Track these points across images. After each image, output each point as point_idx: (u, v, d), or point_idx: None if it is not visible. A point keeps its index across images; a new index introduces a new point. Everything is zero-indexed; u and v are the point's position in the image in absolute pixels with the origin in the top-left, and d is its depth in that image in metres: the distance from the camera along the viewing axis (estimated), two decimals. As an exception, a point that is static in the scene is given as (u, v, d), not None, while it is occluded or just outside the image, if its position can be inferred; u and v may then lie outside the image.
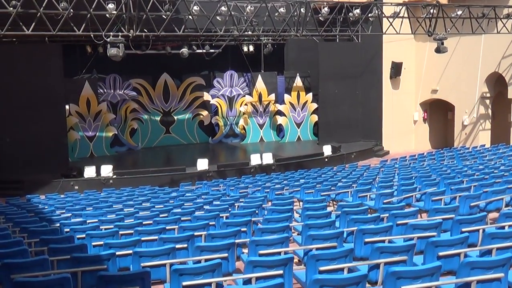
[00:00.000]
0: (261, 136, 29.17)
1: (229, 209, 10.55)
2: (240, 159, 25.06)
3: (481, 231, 6.94)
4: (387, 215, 8.01)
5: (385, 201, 10.82)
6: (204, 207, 11.36)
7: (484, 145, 22.99)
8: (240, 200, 12.49)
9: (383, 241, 6.68)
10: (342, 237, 6.93)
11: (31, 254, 7.50)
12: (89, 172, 20.31)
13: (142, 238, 7.65)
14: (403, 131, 27.86)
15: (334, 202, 12.93)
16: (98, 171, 20.34)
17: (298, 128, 29.06)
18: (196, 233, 7.71)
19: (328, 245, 6.54)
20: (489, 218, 8.28)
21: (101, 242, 7.59)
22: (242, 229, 8.00)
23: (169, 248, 6.63)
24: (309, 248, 6.53)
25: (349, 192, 13.05)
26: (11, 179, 20.03)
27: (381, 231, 6.96)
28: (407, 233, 6.90)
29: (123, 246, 7.17)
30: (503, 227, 7.03)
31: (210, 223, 8.81)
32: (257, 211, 9.93)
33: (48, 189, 19.44)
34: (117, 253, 6.81)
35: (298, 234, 8.42)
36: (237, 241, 7.03)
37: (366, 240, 6.71)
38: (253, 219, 8.96)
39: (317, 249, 6.42)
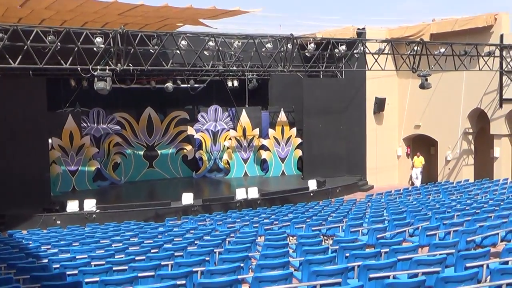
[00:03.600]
0: (245, 171, 29.05)
1: (222, 245, 10.35)
2: (224, 193, 24.89)
3: (485, 266, 6.87)
4: (387, 250, 7.91)
5: (378, 236, 10.73)
6: (196, 242, 11.15)
7: (468, 180, 23.14)
8: (231, 235, 12.30)
9: (388, 277, 6.56)
10: (346, 273, 6.79)
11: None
12: (72, 206, 19.93)
13: (139, 274, 7.41)
14: (386, 166, 27.97)
15: (325, 237, 12.80)
16: (81, 206, 19.97)
17: (282, 162, 29.03)
18: (194, 269, 7.50)
19: (333, 281, 6.39)
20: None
21: (96, 279, 7.33)
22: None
23: (169, 286, 6.41)
24: (314, 284, 6.37)
25: (340, 226, 12.95)
26: (-8, 214, 19.59)
27: (385, 266, 6.84)
28: (411, 269, 6.79)
29: (120, 284, 6.93)
30: (506, 262, 6.97)
31: (206, 258, 8.60)
32: (251, 247, 9.75)
33: (29, 224, 19.05)
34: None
35: (295, 270, 8.25)
36: (240, 276, 6.84)
37: (371, 276, 6.59)
38: (248, 254, 8.78)
39: (322, 285, 6.27)
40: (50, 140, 23.43)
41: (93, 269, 8.08)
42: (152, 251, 10.09)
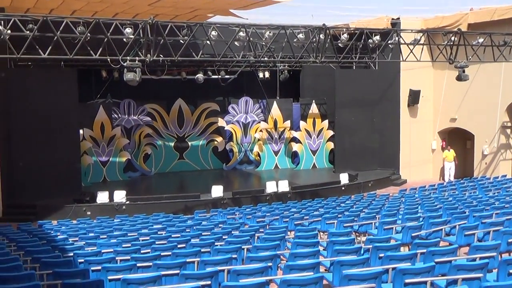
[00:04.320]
0: (276, 163, 28.72)
1: (250, 241, 10.07)
2: (254, 186, 24.62)
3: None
4: (423, 251, 7.49)
5: (413, 234, 10.30)
6: (224, 237, 10.89)
7: (505, 176, 22.39)
8: (260, 230, 12.01)
9: (425, 283, 6.17)
10: (380, 277, 6.42)
11: (44, 288, 7.06)
12: (102, 197, 19.92)
13: (162, 273, 7.17)
14: (420, 160, 27.31)
15: (357, 234, 12.41)
16: (111, 197, 19.95)
17: (314, 155, 28.60)
18: (220, 267, 7.22)
19: (366, 286, 6.03)
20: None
21: (118, 277, 7.12)
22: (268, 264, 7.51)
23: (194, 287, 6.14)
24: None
25: (373, 223, 12.54)
26: (24, 204, 19.76)
27: (422, 271, 6.43)
28: (450, 274, 6.37)
29: (143, 283, 6.70)
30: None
31: (233, 256, 8.32)
32: (280, 244, 9.43)
33: (60, 214, 19.10)
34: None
35: (326, 270, 7.91)
36: (267, 278, 6.53)
37: (407, 281, 6.21)
38: (277, 252, 8.46)
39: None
40: (81, 131, 23.49)
41: (117, 266, 7.87)
42: (179, 246, 9.86)
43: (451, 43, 20.06)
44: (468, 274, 6.30)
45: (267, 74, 27.49)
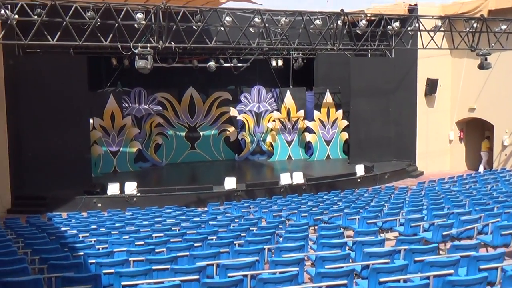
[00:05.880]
0: (289, 154, 28.11)
1: (271, 240, 9.49)
2: (267, 177, 24.11)
3: None
4: (463, 254, 6.86)
5: (444, 233, 9.68)
6: (242, 235, 10.32)
7: (527, 167, 21.69)
8: (279, 226, 11.43)
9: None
10: (425, 289, 5.83)
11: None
12: (113, 189, 19.43)
13: (180, 279, 6.59)
14: (438, 151, 26.58)
15: (381, 230, 11.81)
16: (122, 188, 19.45)
17: (328, 146, 27.95)
18: (243, 272, 6.64)
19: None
20: None
21: (133, 283, 6.56)
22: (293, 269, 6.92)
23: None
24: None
25: (397, 219, 11.93)
26: (33, 195, 19.30)
27: (474, 283, 5.82)
28: (506, 286, 5.76)
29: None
30: None
31: (255, 258, 7.73)
32: (304, 245, 8.84)
33: (70, 206, 18.69)
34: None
35: (357, 276, 7.33)
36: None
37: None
38: (303, 254, 7.88)
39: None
40: (91, 120, 22.98)
41: (131, 271, 7.28)
42: (196, 245, 9.30)
43: (473, 30, 19.29)
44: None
45: (280, 62, 26.83)
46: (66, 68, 20.33)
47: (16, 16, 13.82)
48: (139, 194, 19.41)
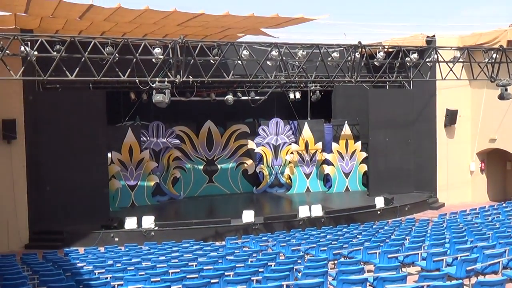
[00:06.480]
0: (308, 186, 27.87)
1: (289, 276, 9.27)
2: (286, 210, 23.93)
3: None
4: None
5: (468, 268, 9.38)
6: (260, 270, 10.11)
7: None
8: (298, 261, 11.20)
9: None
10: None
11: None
12: (130, 223, 19.35)
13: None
14: (459, 182, 26.17)
15: (403, 265, 11.50)
16: (139, 222, 19.36)
17: (347, 178, 27.68)
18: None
19: None
20: None
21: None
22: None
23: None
24: None
25: (419, 254, 11.63)
26: (51, 230, 19.32)
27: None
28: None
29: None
30: None
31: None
32: (323, 282, 8.61)
33: (87, 241, 18.67)
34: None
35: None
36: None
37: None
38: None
39: None
40: (109, 155, 23.07)
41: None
42: (212, 281, 9.12)
43: (493, 61, 19.13)
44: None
45: (298, 95, 26.82)
46: (85, 103, 20.62)
47: (36, 52, 13.99)
48: (156, 228, 19.29)
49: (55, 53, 14.28)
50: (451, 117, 25.67)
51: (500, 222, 16.41)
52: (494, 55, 19.14)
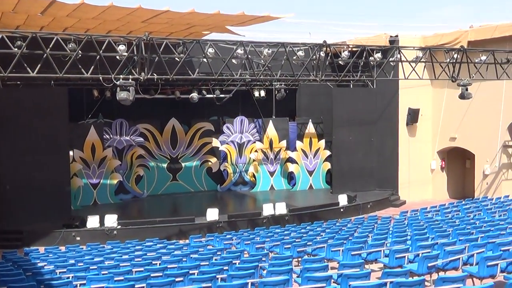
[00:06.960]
0: (272, 184, 27.98)
1: (254, 274, 9.30)
2: (250, 208, 23.96)
3: None
4: (453, 286, 6.74)
5: (429, 264, 9.57)
6: (225, 268, 10.11)
7: (508, 196, 21.77)
8: (262, 259, 11.23)
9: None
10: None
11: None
12: (93, 222, 19.06)
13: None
14: (420, 180, 26.69)
15: (366, 262, 11.65)
16: (101, 221, 19.10)
17: (310, 176, 27.89)
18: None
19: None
20: None
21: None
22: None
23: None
24: None
25: (382, 251, 11.80)
26: (10, 230, 18.86)
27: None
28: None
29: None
30: None
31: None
32: (289, 279, 8.66)
33: (48, 240, 18.30)
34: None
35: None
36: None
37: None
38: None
39: None
40: (71, 152, 22.69)
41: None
42: (177, 280, 9.08)
43: (454, 61, 19.54)
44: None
45: (263, 93, 26.92)
46: (46, 100, 20.18)
47: (-4, 48, 13.65)
48: (119, 226, 19.07)
49: (16, 49, 13.91)
50: (413, 116, 26.15)
51: (459, 219, 16.79)
52: (455, 55, 19.55)
